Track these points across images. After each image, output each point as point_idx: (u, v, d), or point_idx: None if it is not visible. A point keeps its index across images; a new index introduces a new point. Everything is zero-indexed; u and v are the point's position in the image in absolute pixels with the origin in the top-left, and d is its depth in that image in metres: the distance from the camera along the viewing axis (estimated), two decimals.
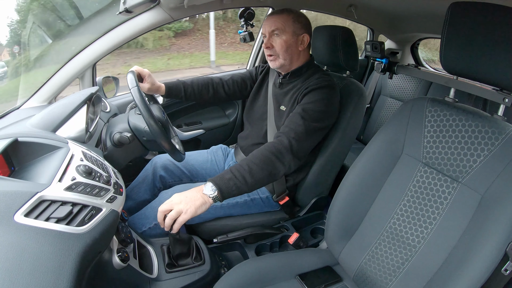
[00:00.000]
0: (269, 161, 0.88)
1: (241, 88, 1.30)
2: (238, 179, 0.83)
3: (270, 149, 0.90)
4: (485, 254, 0.61)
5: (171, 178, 1.24)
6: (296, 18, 1.07)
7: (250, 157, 0.89)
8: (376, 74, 2.13)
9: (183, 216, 0.77)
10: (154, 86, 1.12)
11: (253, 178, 0.85)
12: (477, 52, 0.66)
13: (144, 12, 1.15)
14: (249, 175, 0.85)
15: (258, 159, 0.87)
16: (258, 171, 0.86)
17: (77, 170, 0.67)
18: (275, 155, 0.89)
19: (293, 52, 1.08)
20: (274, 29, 1.05)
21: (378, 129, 0.91)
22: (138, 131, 0.93)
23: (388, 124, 0.87)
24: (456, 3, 0.67)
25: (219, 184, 0.82)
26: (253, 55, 1.77)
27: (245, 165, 0.86)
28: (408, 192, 0.80)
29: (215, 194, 0.81)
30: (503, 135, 0.66)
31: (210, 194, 0.81)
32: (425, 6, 1.38)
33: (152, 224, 1.05)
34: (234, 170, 0.85)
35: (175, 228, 0.78)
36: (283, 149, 0.91)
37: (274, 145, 0.91)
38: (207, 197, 0.81)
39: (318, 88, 1.02)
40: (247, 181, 0.84)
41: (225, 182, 0.82)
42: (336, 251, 0.90)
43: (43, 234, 0.50)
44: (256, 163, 0.86)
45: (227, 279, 0.80)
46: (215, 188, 0.81)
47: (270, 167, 0.88)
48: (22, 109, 1.09)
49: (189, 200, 0.79)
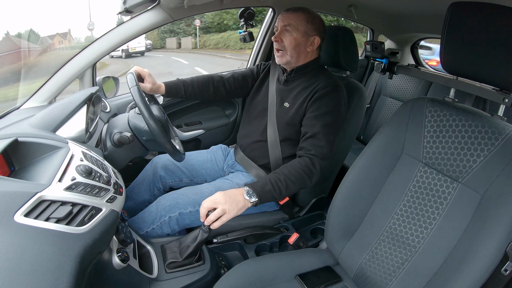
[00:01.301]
0: (302, 179, 0.98)
1: (242, 85, 1.30)
2: (276, 192, 0.93)
3: (303, 168, 0.99)
4: (485, 254, 0.61)
5: (171, 178, 1.24)
6: (310, 19, 1.07)
7: (287, 173, 0.97)
8: (376, 74, 2.13)
9: (227, 216, 0.84)
10: (155, 86, 1.12)
11: (287, 191, 0.96)
12: (477, 52, 0.66)
13: (144, 12, 1.16)
14: (285, 190, 0.95)
15: (294, 177, 0.97)
16: (292, 186, 0.96)
17: (77, 170, 0.67)
18: (307, 174, 0.98)
19: (301, 51, 1.09)
20: (287, 24, 1.06)
21: (378, 129, 0.92)
22: (138, 131, 0.93)
23: (388, 124, 0.87)
24: (456, 3, 0.67)
25: (260, 194, 0.91)
26: (254, 55, 1.77)
27: (283, 180, 0.95)
28: (408, 192, 0.80)
29: (255, 200, 0.90)
30: (503, 135, 0.66)
31: (251, 200, 0.90)
32: (425, 6, 1.38)
33: (150, 228, 1.05)
34: (274, 183, 0.94)
35: (215, 225, 0.85)
36: (313, 169, 1.00)
37: (307, 165, 0.99)
38: (248, 202, 0.89)
39: (328, 93, 1.04)
40: (282, 194, 0.95)
41: (265, 192, 0.92)
42: (336, 251, 0.90)
43: (43, 234, 0.50)
44: (292, 180, 0.96)
45: (227, 279, 0.80)
46: (256, 197, 0.90)
47: (301, 183, 0.98)
48: (22, 109, 1.09)
49: (232, 201, 0.86)
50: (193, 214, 1.05)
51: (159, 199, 1.10)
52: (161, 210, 1.05)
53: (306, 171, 0.98)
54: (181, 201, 1.06)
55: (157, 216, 1.05)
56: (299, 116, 1.08)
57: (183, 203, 1.05)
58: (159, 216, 1.05)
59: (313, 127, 1.03)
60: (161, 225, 1.05)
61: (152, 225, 1.05)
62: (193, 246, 0.91)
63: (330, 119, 1.03)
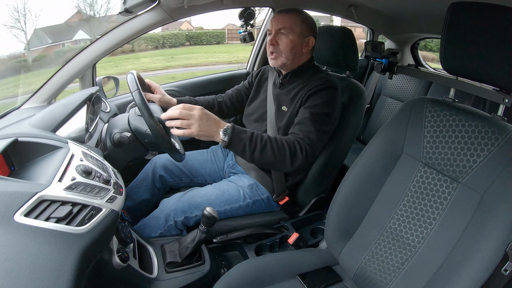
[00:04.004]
0: (283, 153, 0.91)
1: (239, 101, 1.31)
2: (250, 147, 0.87)
3: (290, 144, 0.93)
4: (485, 254, 0.61)
5: (171, 178, 1.24)
6: (304, 20, 1.07)
7: (273, 138, 0.91)
8: (376, 74, 2.13)
9: (189, 131, 0.80)
10: (165, 98, 1.12)
11: (260, 155, 0.89)
12: (477, 52, 0.66)
13: (144, 12, 1.15)
14: (259, 151, 0.88)
15: (276, 145, 0.90)
16: (268, 152, 0.89)
17: (77, 170, 0.67)
18: (290, 152, 0.92)
19: (297, 52, 1.08)
20: (282, 27, 1.05)
21: (378, 129, 0.91)
22: (139, 134, 0.93)
23: (388, 124, 0.87)
24: (456, 3, 0.67)
25: (233, 137, 0.86)
26: (253, 55, 1.77)
27: (264, 140, 0.89)
28: (408, 192, 0.80)
29: (225, 140, 0.85)
30: (503, 135, 0.66)
31: (222, 138, 0.85)
32: (425, 6, 1.38)
33: (157, 233, 1.06)
34: (253, 137, 0.88)
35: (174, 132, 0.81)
36: (299, 152, 0.94)
37: (294, 143, 0.93)
38: (218, 137, 0.85)
39: (322, 89, 1.03)
40: (254, 154, 0.88)
41: (239, 140, 0.86)
42: (336, 251, 0.90)
43: (43, 234, 0.50)
44: (273, 147, 0.90)
45: (227, 279, 0.80)
46: (227, 138, 0.85)
47: (280, 157, 0.91)
48: (22, 109, 1.09)
49: (206, 126, 0.82)
50: (199, 217, 1.05)
51: (163, 202, 1.09)
52: (166, 215, 1.05)
53: (291, 149, 0.93)
54: (186, 205, 1.06)
55: (163, 222, 1.05)
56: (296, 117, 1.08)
57: (189, 207, 1.05)
58: (165, 221, 1.05)
59: (303, 115, 1.01)
60: (169, 229, 1.06)
61: (160, 230, 1.06)
62: (192, 246, 0.91)
63: (320, 109, 1.01)
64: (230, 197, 1.10)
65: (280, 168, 0.95)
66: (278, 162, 0.92)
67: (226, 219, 1.13)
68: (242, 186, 1.13)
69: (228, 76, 1.77)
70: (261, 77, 1.27)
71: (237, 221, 1.14)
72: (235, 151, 0.89)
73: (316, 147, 0.99)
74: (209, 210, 0.89)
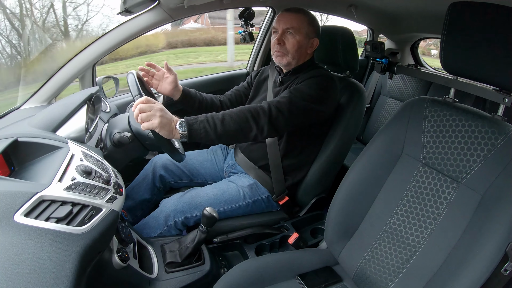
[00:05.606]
0: (244, 117, 0.89)
1: (239, 101, 1.29)
2: (209, 124, 0.85)
3: (249, 108, 0.92)
4: (485, 254, 0.61)
5: (171, 177, 1.24)
6: (311, 21, 1.08)
7: (227, 111, 0.90)
8: (376, 74, 2.13)
9: (147, 125, 0.78)
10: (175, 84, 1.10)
11: (223, 128, 0.86)
12: (477, 52, 0.66)
13: (144, 12, 1.15)
14: (221, 124, 0.86)
15: (234, 113, 0.89)
16: (230, 122, 0.87)
17: (77, 170, 0.67)
18: (251, 114, 0.90)
19: (302, 53, 1.09)
20: (289, 27, 1.05)
21: (378, 129, 0.91)
22: (139, 134, 0.93)
23: (388, 124, 0.87)
24: (456, 3, 0.67)
25: (190, 123, 0.83)
26: (253, 55, 1.77)
27: (220, 114, 0.87)
28: (408, 192, 0.80)
29: (185, 132, 0.83)
30: (503, 135, 0.66)
31: (181, 131, 0.83)
32: (425, 6, 1.38)
33: (157, 233, 1.06)
34: (209, 116, 0.87)
35: (143, 126, 0.79)
36: (261, 111, 0.91)
37: (254, 107, 0.93)
38: (177, 132, 0.82)
39: (314, 76, 1.04)
40: (217, 129, 0.85)
41: (197, 123, 0.84)
42: (336, 251, 0.90)
43: (43, 234, 0.50)
44: (231, 116, 0.88)
45: (227, 279, 0.80)
46: (185, 127, 0.83)
47: (243, 123, 0.89)
48: (22, 109, 1.09)
49: (164, 121, 0.79)
50: (199, 217, 1.05)
51: (163, 202, 1.09)
52: (166, 215, 1.05)
53: (251, 111, 0.90)
54: (186, 205, 1.06)
55: (162, 222, 1.05)
56: None
57: (189, 207, 1.05)
58: (165, 221, 1.05)
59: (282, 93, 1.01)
60: (169, 229, 1.06)
61: (159, 230, 1.06)
62: (192, 246, 0.91)
63: (303, 87, 1.00)
64: (230, 197, 1.11)
65: (248, 133, 0.90)
66: (243, 127, 0.89)
67: (226, 219, 1.13)
68: (242, 186, 1.13)
69: (228, 76, 1.77)
70: (261, 77, 1.27)
71: (237, 221, 1.14)
72: (199, 138, 0.85)
73: (284, 111, 0.93)
74: (209, 210, 0.89)
